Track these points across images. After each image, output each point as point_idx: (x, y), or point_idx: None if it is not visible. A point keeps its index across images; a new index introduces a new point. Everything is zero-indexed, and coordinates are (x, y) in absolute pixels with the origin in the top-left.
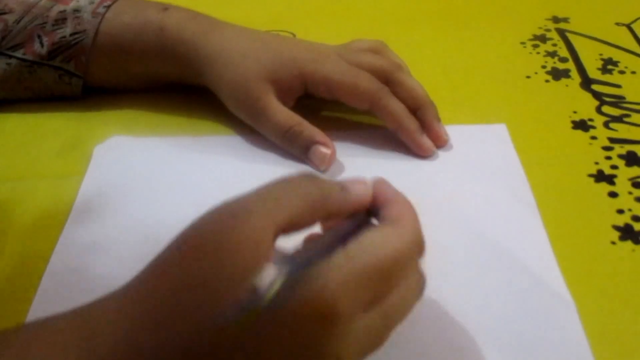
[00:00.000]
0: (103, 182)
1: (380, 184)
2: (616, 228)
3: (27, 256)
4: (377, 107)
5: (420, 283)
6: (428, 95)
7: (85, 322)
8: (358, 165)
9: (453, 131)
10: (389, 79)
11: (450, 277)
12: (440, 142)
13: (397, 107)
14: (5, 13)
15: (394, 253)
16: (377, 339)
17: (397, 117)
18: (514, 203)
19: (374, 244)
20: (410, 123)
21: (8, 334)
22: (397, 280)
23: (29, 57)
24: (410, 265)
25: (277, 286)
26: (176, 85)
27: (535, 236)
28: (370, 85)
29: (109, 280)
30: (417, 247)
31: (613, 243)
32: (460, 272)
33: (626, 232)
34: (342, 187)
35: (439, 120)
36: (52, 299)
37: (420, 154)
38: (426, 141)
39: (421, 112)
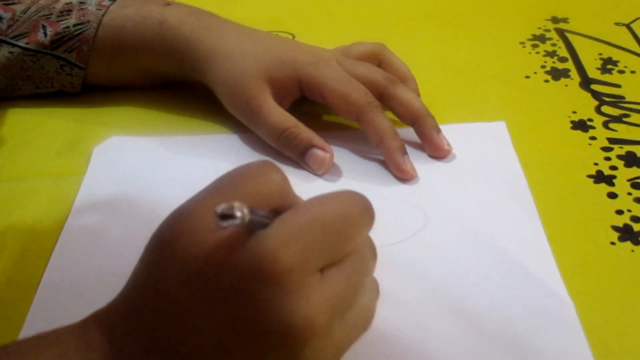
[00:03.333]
0: (103, 182)
1: None
2: (615, 229)
3: (27, 256)
4: (363, 121)
5: (370, 243)
6: (425, 107)
7: (83, 334)
8: (356, 169)
9: (452, 130)
10: (384, 94)
11: (447, 278)
12: (441, 153)
13: (383, 124)
14: (14, 3)
15: (338, 211)
16: (348, 299)
17: (381, 134)
18: (512, 203)
19: (314, 205)
20: (393, 142)
21: (9, 347)
22: (350, 239)
23: (31, 46)
24: (361, 225)
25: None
26: (175, 84)
27: (534, 237)
28: (360, 98)
29: (109, 280)
30: (363, 209)
31: (612, 244)
32: (457, 272)
33: (625, 233)
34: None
35: (438, 131)
36: (52, 299)
37: (398, 175)
38: (406, 163)
39: (418, 124)
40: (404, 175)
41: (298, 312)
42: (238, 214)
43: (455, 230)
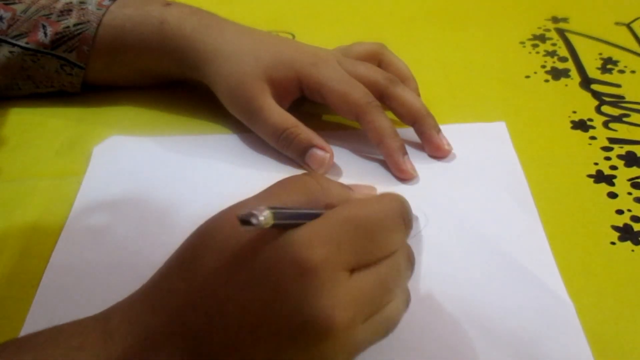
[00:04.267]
0: (102, 182)
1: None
2: (615, 228)
3: (27, 256)
4: (363, 121)
5: (409, 253)
6: (425, 107)
7: (104, 325)
8: (356, 169)
9: (452, 130)
10: (384, 94)
11: (447, 278)
12: (441, 153)
13: (383, 124)
14: (14, 3)
15: (372, 213)
16: (375, 304)
17: (380, 134)
18: (512, 203)
19: (349, 205)
20: (393, 142)
21: (25, 339)
22: (384, 243)
23: (32, 45)
24: (396, 231)
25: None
26: (175, 84)
27: (533, 237)
28: (361, 98)
29: (109, 280)
30: (400, 213)
31: (612, 243)
32: (457, 272)
33: (625, 233)
34: (346, 185)
35: (438, 131)
36: (52, 298)
37: (398, 175)
38: (406, 163)
39: (418, 124)
40: (404, 175)
41: (320, 305)
42: (254, 221)
43: (456, 231)
